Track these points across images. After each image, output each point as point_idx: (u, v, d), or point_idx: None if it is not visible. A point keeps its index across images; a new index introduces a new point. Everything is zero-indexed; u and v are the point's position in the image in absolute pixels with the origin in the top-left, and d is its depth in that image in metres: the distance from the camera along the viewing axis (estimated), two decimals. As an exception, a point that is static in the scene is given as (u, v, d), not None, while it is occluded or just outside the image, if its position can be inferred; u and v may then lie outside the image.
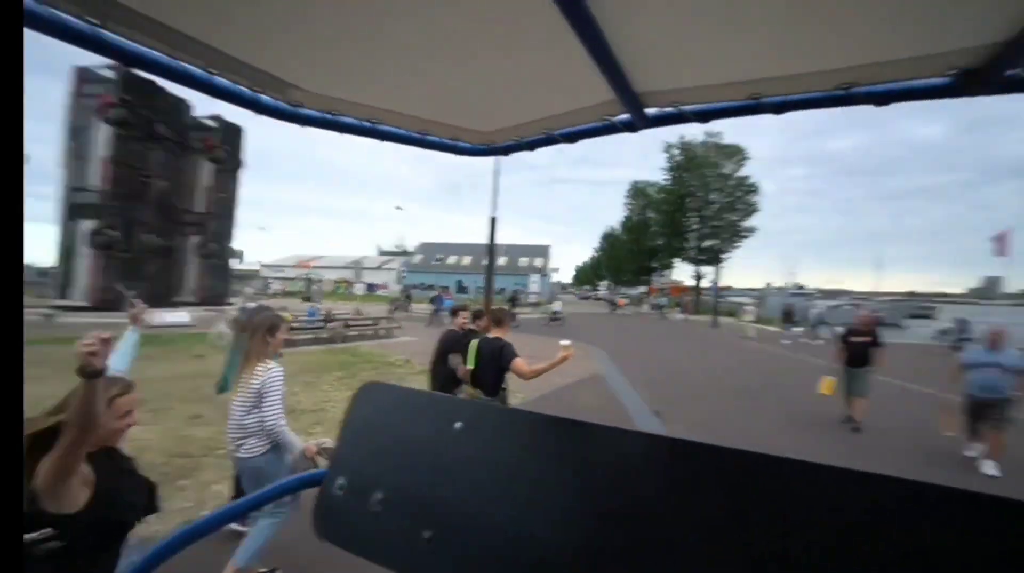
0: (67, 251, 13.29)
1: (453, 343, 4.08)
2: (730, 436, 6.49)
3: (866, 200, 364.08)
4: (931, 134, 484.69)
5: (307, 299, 36.53)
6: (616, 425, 0.88)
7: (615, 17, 0.92)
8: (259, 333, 2.52)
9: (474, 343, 3.76)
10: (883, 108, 1.12)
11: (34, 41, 0.86)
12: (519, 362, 3.53)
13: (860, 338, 7.07)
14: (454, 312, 4.62)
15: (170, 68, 1.04)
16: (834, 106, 1.16)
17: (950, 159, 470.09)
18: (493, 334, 3.77)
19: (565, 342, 3.52)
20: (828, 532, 0.66)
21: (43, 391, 1.89)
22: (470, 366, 3.72)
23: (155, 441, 5.28)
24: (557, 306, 25.29)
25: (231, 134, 33.40)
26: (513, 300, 29.02)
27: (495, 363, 3.62)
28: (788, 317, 22.07)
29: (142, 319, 2.40)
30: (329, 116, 1.35)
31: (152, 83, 12.59)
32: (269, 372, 2.47)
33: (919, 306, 51.44)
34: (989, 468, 5.47)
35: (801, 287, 57.17)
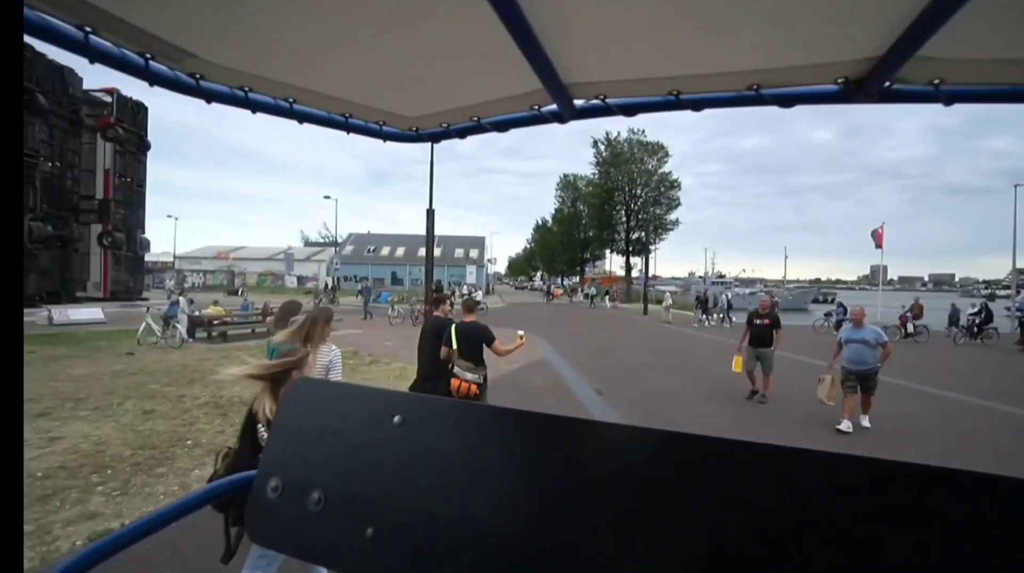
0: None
1: (442, 329, 4.64)
2: (663, 409, 7.40)
3: (773, 195, 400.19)
4: (823, 138, 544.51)
5: (233, 293, 34.27)
6: (564, 401, 1.01)
7: (541, 7, 0.93)
8: (319, 322, 3.04)
9: (455, 326, 4.52)
10: (782, 111, 1.22)
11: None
12: (497, 343, 4.52)
13: (762, 321, 8.10)
14: (438, 301, 5.17)
15: (37, 25, 0.88)
16: (747, 105, 1.21)
17: (838, 161, 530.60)
18: (468, 319, 4.60)
19: (520, 332, 4.80)
20: (787, 514, 0.64)
21: None
22: (453, 346, 4.44)
23: (113, 436, 5.22)
24: (479, 296, 29.98)
25: (131, 111, 29.58)
26: (438, 290, 29.51)
27: (477, 341, 4.46)
28: (703, 303, 24.14)
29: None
30: (240, 92, 1.22)
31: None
32: (333, 352, 3.05)
33: (822, 292, 57.38)
34: (864, 421, 6.61)
35: (722, 276, 62.07)
